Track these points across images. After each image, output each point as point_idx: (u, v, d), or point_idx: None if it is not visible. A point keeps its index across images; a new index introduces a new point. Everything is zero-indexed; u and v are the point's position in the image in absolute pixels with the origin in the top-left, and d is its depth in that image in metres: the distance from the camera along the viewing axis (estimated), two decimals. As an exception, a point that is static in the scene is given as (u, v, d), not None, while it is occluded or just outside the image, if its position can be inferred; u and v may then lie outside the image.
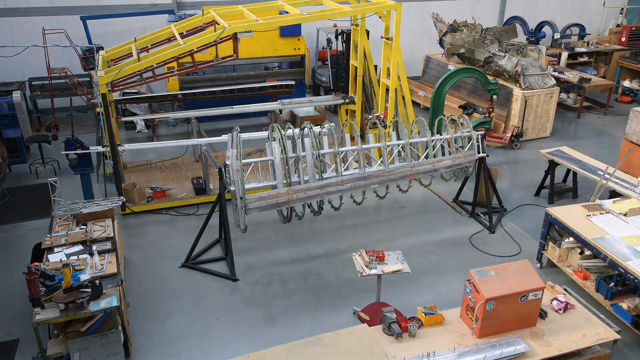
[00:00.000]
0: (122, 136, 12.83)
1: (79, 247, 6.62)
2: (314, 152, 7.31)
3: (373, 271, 6.28)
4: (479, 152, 8.65)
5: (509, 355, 4.86)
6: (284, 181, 7.19)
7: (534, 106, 12.35)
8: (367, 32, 13.59)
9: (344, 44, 13.39)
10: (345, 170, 7.74)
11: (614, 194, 8.38)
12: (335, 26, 14.81)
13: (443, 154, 8.50)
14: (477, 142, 8.57)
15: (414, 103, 14.30)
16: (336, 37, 14.26)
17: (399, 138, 8.32)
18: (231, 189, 7.04)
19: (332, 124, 8.23)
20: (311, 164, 7.34)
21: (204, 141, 9.99)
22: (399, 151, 8.04)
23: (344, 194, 7.64)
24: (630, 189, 8.16)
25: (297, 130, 7.69)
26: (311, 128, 7.36)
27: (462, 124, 8.61)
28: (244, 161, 7.02)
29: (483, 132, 8.77)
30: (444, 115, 9.28)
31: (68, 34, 12.84)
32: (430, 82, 15.01)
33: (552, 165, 9.67)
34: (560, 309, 5.43)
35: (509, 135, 12.15)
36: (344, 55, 13.44)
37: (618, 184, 8.36)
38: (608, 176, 8.32)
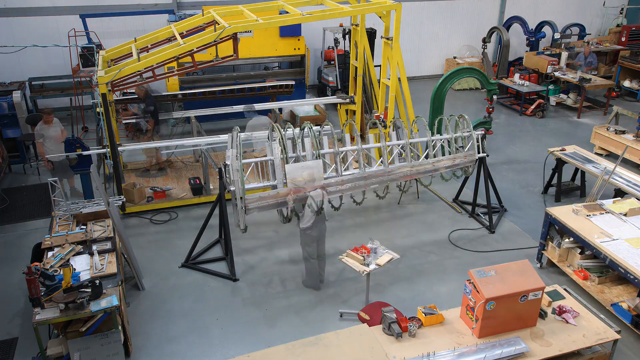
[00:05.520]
0: (123, 136, 12.80)
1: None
2: (314, 152, 7.31)
3: (372, 266, 6.32)
4: (479, 152, 8.65)
5: (509, 355, 4.86)
6: (284, 181, 7.19)
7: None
8: (375, 31, 13.59)
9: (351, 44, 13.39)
10: (345, 170, 7.74)
11: (619, 192, 8.38)
12: (342, 25, 14.80)
13: (443, 154, 8.50)
14: (477, 142, 8.57)
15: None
16: (343, 37, 14.24)
17: (399, 138, 8.33)
18: (231, 189, 7.03)
19: (331, 124, 8.23)
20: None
21: (203, 140, 9.97)
22: (399, 151, 8.04)
23: (343, 194, 7.64)
24: (633, 187, 8.17)
25: (297, 130, 7.69)
26: (311, 128, 7.36)
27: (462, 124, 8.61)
28: (243, 161, 7.02)
29: (483, 132, 8.77)
30: (444, 115, 9.28)
31: (69, 34, 12.86)
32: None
33: (560, 163, 9.67)
34: (574, 316, 5.40)
35: None
36: (350, 54, 13.44)
37: (622, 183, 8.38)
38: (607, 175, 8.31)
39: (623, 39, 17.30)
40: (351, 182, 7.56)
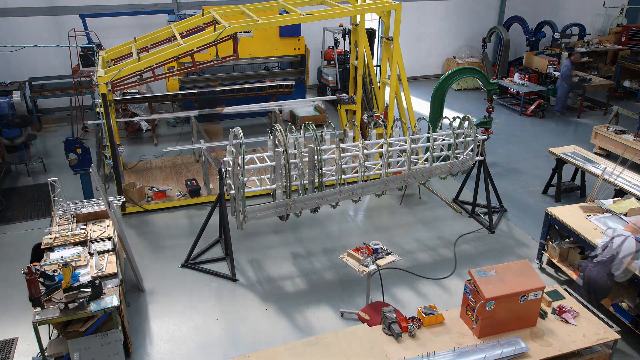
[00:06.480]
0: (123, 135, 12.81)
1: (79, 248, 6.61)
2: (316, 157, 7.23)
3: (371, 267, 6.31)
4: (478, 155, 8.63)
5: (509, 355, 4.86)
6: (284, 183, 7.17)
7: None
8: (374, 31, 13.58)
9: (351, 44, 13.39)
10: (344, 166, 7.71)
11: (619, 192, 8.37)
12: (342, 25, 14.79)
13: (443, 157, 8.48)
14: (478, 147, 8.54)
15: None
16: (343, 37, 14.24)
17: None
18: (231, 192, 7.03)
19: (333, 125, 8.22)
20: (312, 166, 7.31)
21: (217, 144, 9.91)
22: (398, 153, 8.03)
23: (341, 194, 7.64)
24: (633, 187, 8.17)
25: (297, 135, 7.65)
26: (316, 137, 7.20)
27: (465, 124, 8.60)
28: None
29: (486, 138, 8.73)
30: (447, 117, 9.27)
31: (69, 34, 12.86)
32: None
33: (560, 163, 9.67)
34: (574, 316, 5.40)
35: None
36: (350, 54, 13.45)
37: (622, 183, 8.36)
38: (607, 175, 8.32)
39: (623, 39, 17.30)
40: (349, 191, 7.56)
